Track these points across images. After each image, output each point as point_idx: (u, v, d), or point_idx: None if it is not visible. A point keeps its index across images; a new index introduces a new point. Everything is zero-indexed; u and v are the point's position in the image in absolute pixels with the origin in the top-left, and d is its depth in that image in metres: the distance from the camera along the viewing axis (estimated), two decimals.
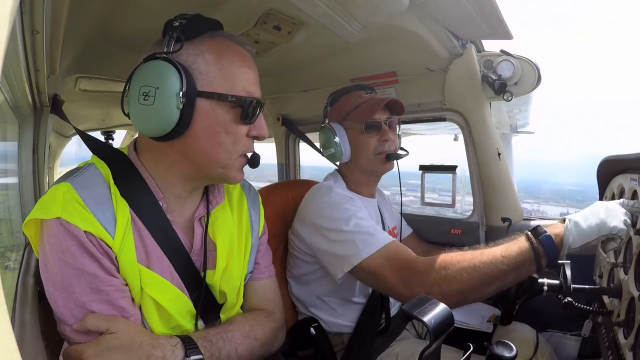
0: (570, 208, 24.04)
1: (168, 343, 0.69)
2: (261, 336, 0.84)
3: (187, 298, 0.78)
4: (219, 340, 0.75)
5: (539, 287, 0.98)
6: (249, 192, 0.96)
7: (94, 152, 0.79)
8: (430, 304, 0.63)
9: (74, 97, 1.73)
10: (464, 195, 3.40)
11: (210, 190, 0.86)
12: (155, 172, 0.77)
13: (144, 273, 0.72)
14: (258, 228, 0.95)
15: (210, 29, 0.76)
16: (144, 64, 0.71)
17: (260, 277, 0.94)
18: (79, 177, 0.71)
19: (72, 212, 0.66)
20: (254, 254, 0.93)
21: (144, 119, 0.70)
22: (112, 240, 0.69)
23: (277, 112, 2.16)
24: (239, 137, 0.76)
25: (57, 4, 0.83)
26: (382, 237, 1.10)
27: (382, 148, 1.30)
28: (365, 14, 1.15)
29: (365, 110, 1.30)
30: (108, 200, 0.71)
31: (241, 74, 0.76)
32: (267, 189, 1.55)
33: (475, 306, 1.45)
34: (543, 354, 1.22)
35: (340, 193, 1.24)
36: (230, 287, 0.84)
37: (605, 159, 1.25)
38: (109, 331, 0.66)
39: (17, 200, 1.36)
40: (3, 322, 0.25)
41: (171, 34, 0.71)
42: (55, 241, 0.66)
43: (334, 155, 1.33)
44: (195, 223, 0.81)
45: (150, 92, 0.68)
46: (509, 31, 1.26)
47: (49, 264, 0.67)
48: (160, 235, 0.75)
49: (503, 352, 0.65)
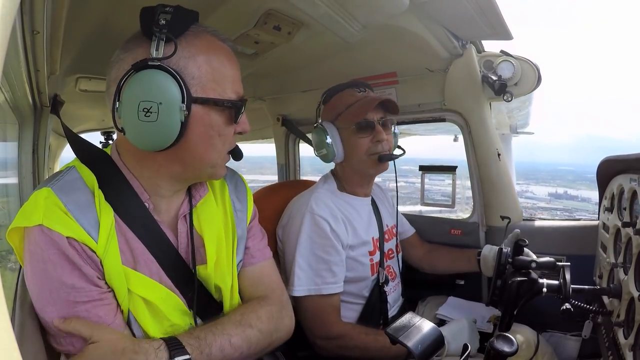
0: (560, 188, 23.89)
1: (150, 346, 0.67)
2: (256, 322, 0.80)
3: (178, 298, 0.76)
4: (208, 334, 0.73)
5: (539, 288, 0.98)
6: (231, 180, 0.92)
7: (77, 155, 0.77)
8: (417, 324, 0.60)
9: (74, 97, 1.72)
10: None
11: (192, 185, 0.84)
12: (140, 175, 0.76)
13: (131, 275, 0.71)
14: (245, 217, 0.90)
15: (192, 23, 0.72)
16: (135, 73, 0.65)
17: (251, 261, 0.90)
18: (59, 182, 0.70)
19: (54, 218, 0.65)
20: (243, 245, 0.89)
21: (145, 135, 0.67)
22: (95, 245, 0.67)
23: (277, 112, 2.16)
24: (228, 137, 0.76)
25: (57, 4, 0.83)
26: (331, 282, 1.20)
27: (375, 149, 1.27)
28: (365, 14, 1.15)
29: (357, 109, 1.27)
30: (90, 203, 0.69)
31: (231, 75, 0.75)
32: (267, 189, 1.55)
33: (475, 306, 1.45)
34: (543, 354, 1.22)
35: (317, 212, 1.23)
36: (223, 282, 0.82)
37: (606, 159, 1.25)
38: (91, 340, 0.66)
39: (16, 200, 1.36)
40: (3, 322, 0.25)
41: (159, 35, 0.66)
42: (37, 250, 0.65)
43: (326, 156, 1.31)
44: (179, 221, 0.80)
45: (152, 107, 0.64)
46: (509, 31, 1.26)
47: (31, 275, 0.67)
48: (146, 237, 0.74)
49: (503, 347, 0.63)
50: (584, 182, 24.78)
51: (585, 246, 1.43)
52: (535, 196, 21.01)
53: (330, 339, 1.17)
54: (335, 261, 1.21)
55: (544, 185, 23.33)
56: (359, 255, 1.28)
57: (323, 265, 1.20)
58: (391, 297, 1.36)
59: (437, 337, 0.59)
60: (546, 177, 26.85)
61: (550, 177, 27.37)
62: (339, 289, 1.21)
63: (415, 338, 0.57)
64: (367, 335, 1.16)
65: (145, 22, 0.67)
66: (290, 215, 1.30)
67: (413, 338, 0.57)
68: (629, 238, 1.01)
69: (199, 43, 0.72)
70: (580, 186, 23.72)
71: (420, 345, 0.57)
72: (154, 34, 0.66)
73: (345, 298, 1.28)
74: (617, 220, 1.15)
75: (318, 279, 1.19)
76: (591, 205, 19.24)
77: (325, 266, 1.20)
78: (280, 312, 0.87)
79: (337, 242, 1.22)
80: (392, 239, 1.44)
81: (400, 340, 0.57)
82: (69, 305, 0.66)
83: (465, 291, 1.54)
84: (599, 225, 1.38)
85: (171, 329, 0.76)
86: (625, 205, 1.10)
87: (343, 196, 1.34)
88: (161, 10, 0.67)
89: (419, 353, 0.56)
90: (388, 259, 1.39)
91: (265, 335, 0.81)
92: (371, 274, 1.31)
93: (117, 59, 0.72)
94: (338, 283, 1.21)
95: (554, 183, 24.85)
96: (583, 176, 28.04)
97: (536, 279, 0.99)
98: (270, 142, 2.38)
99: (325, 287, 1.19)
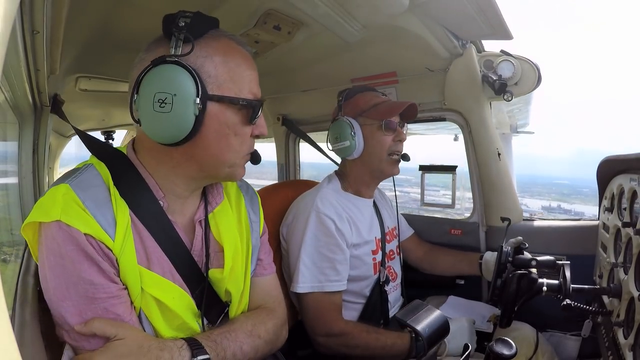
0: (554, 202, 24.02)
1: (175, 345, 0.70)
2: (264, 334, 0.84)
3: (189, 297, 0.78)
4: (223, 339, 0.76)
5: (539, 287, 0.98)
6: (247, 192, 0.95)
7: (93, 153, 0.78)
8: (425, 310, 0.62)
9: (74, 97, 1.73)
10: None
11: (208, 190, 0.85)
12: (156, 172, 0.77)
13: (145, 274, 0.72)
14: (258, 229, 0.95)
15: (211, 28, 0.75)
16: (153, 68, 0.69)
17: (263, 273, 0.94)
18: (77, 178, 0.71)
19: (72, 215, 0.65)
20: (256, 253, 0.93)
21: (159, 126, 0.69)
22: (112, 243, 0.68)
23: (277, 112, 2.16)
24: (245, 137, 0.77)
25: (57, 4, 0.83)
26: (334, 280, 1.20)
27: (396, 148, 1.32)
28: (365, 14, 1.15)
29: (386, 108, 1.31)
30: (107, 201, 0.70)
31: (247, 76, 0.76)
32: (267, 189, 1.55)
33: (475, 306, 1.45)
34: (543, 353, 1.23)
35: (322, 211, 1.24)
36: (235, 287, 0.85)
37: (606, 159, 1.25)
38: (117, 337, 0.66)
39: (16, 200, 1.36)
40: (3, 322, 0.25)
41: (177, 35, 0.69)
42: (54, 245, 0.66)
43: (347, 149, 1.30)
44: (196, 225, 0.82)
45: (167, 99, 0.67)
46: (509, 31, 1.26)
47: (48, 269, 0.67)
48: (161, 236, 0.75)
49: (502, 350, 0.64)
50: (578, 197, 25.34)
51: (585, 246, 1.43)
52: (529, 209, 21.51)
53: (332, 336, 1.17)
54: (339, 260, 1.22)
55: (538, 199, 23.62)
56: (362, 254, 1.29)
57: (327, 263, 1.21)
58: (392, 296, 1.37)
59: (444, 323, 0.61)
60: (542, 191, 27.13)
61: (545, 191, 27.66)
62: (342, 287, 1.22)
63: (424, 322, 0.59)
64: (369, 333, 1.16)
65: (167, 25, 0.71)
66: (296, 213, 1.30)
67: (421, 322, 0.59)
68: (629, 238, 1.01)
69: (217, 45, 0.74)
70: (575, 200, 24.13)
71: (427, 328, 0.59)
72: (173, 34, 0.70)
73: (346, 297, 1.28)
74: (617, 220, 1.15)
75: (322, 276, 1.20)
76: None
77: (329, 264, 1.21)
78: (282, 326, 0.92)
79: (342, 240, 1.24)
80: (393, 240, 1.45)
81: (409, 323, 0.59)
82: (87, 301, 0.67)
83: (466, 291, 1.54)
84: (599, 225, 1.38)
85: (181, 328, 0.77)
86: (625, 205, 1.10)
87: (347, 196, 1.35)
88: (182, 15, 0.71)
89: (426, 336, 0.58)
90: (389, 260, 1.40)
91: (268, 345, 0.86)
92: (373, 273, 1.32)
93: (139, 59, 0.74)
94: (341, 281, 1.22)
95: (549, 197, 25.18)
96: (578, 190, 28.42)
97: (536, 279, 0.99)
98: (271, 142, 2.38)
99: (329, 284, 1.20)
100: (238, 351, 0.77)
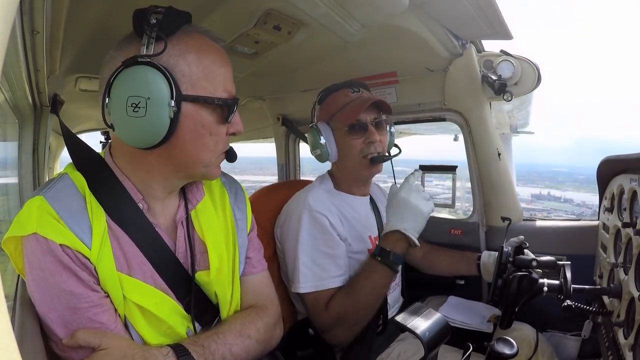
0: (544, 189, 23.83)
1: (159, 353, 0.68)
2: (255, 333, 0.82)
3: (173, 301, 0.76)
4: (211, 343, 0.74)
5: (539, 288, 0.98)
6: (230, 189, 0.92)
7: (72, 158, 0.77)
8: (425, 313, 0.61)
9: (74, 97, 1.72)
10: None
11: (188, 189, 0.84)
12: (133, 176, 0.75)
13: (125, 281, 0.71)
14: (245, 226, 0.92)
15: (184, 23, 0.72)
16: (125, 69, 0.66)
17: (252, 271, 0.91)
18: (51, 190, 0.70)
19: (47, 226, 0.65)
20: (244, 252, 0.90)
21: (133, 131, 0.67)
22: (89, 252, 0.67)
23: (277, 112, 2.16)
24: (221, 136, 0.76)
25: (57, 4, 0.83)
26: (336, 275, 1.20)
27: (368, 150, 1.26)
28: (365, 14, 1.15)
29: (350, 110, 1.26)
30: (83, 210, 0.69)
31: (222, 73, 0.74)
32: (266, 189, 1.55)
33: (475, 306, 1.45)
34: (543, 353, 1.22)
35: (314, 208, 1.23)
36: (224, 289, 0.83)
37: (606, 159, 1.25)
38: (101, 347, 0.66)
39: (16, 200, 1.36)
40: (3, 322, 0.25)
41: (149, 33, 0.67)
42: (34, 259, 0.65)
43: (321, 156, 1.31)
44: (178, 225, 0.80)
45: (140, 103, 0.65)
46: (509, 31, 1.26)
47: (32, 282, 0.67)
48: (141, 240, 0.74)
49: (504, 350, 0.64)
50: (573, 184, 24.97)
51: (585, 246, 1.43)
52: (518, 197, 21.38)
53: (336, 326, 1.16)
54: (339, 254, 1.22)
55: (530, 187, 23.32)
56: (357, 253, 1.29)
57: (328, 259, 1.20)
58: (391, 297, 1.36)
59: (444, 327, 0.60)
60: (536, 179, 26.77)
61: (539, 179, 27.28)
62: (344, 282, 1.21)
63: (423, 326, 0.58)
64: (349, 292, 1.16)
65: (137, 22, 0.68)
66: (288, 214, 1.30)
67: (421, 326, 0.58)
68: (629, 238, 1.01)
69: (190, 42, 0.71)
70: (568, 187, 23.79)
71: (427, 332, 0.58)
72: (144, 32, 0.67)
73: None
74: (617, 221, 1.15)
75: (323, 273, 1.19)
76: (571, 206, 19.24)
77: (330, 260, 1.20)
78: (275, 325, 0.89)
79: (337, 235, 1.24)
80: None
81: (409, 328, 0.58)
82: (71, 311, 0.66)
83: (466, 291, 1.54)
84: (599, 225, 1.38)
85: (168, 333, 0.75)
86: (625, 206, 1.10)
87: (339, 195, 1.35)
88: (153, 11, 0.68)
89: (427, 340, 0.57)
90: None
91: (261, 345, 0.84)
92: None
93: (109, 58, 0.72)
94: (344, 275, 1.21)
95: (542, 184, 24.86)
96: (574, 177, 27.94)
97: (537, 279, 0.99)
98: (270, 142, 2.38)
99: (331, 280, 1.19)
100: (227, 353, 0.75)
